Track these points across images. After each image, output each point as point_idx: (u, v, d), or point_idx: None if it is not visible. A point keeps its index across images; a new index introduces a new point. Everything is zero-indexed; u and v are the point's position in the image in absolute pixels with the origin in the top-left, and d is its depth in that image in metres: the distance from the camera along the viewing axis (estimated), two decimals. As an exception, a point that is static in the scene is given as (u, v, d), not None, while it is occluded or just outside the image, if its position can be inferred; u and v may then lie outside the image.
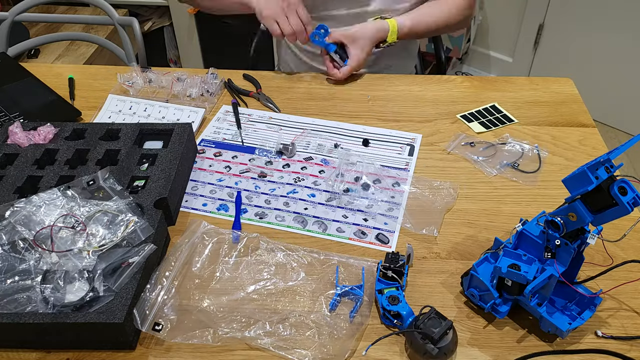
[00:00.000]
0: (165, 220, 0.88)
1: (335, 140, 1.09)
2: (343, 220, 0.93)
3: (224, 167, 1.04)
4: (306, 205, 0.95)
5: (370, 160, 1.03)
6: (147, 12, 2.55)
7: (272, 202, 0.96)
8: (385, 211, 0.94)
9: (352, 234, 0.90)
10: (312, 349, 0.73)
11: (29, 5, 1.63)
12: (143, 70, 1.25)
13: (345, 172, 1.00)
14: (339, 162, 1.02)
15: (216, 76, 1.23)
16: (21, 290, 0.73)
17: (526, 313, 0.77)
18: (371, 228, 0.91)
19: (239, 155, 1.06)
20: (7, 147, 0.98)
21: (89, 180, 0.87)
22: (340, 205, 0.95)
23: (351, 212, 0.94)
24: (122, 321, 0.70)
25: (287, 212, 0.94)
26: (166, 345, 0.75)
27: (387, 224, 0.92)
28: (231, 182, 1.00)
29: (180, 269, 0.82)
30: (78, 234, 0.79)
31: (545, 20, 2.53)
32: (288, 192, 0.98)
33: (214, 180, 1.01)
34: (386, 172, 1.01)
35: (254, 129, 1.13)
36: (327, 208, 0.95)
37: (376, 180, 0.99)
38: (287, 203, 0.96)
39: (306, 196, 0.97)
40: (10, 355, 0.74)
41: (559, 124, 1.13)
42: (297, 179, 1.01)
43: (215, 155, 1.07)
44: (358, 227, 0.91)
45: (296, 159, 1.05)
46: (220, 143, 1.10)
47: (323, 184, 0.99)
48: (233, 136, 1.11)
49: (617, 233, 0.88)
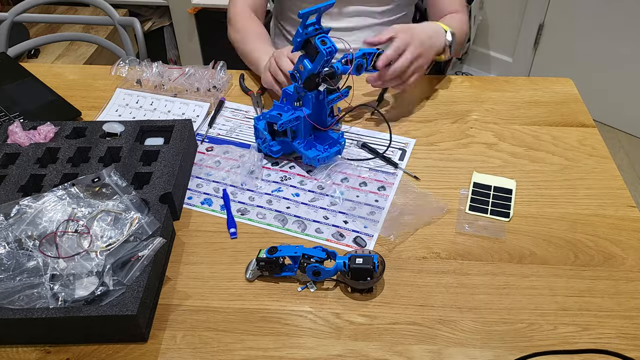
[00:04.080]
0: (170, 215, 0.89)
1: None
2: (323, 221, 0.93)
3: (214, 161, 1.05)
4: (289, 204, 0.96)
5: (359, 163, 1.03)
6: (147, 12, 2.55)
7: (256, 199, 0.97)
8: (366, 214, 0.93)
9: (331, 235, 0.90)
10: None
11: (29, 6, 1.63)
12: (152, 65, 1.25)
13: (332, 173, 1.00)
14: (336, 164, 1.02)
15: (224, 71, 1.23)
16: (30, 287, 0.74)
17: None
18: (350, 231, 0.91)
19: (230, 151, 1.07)
20: (8, 147, 0.98)
21: (94, 178, 0.88)
22: (323, 206, 0.95)
23: (332, 213, 0.94)
24: (135, 313, 0.71)
25: (269, 210, 0.95)
26: (166, 342, 0.75)
27: (367, 227, 0.91)
28: (219, 177, 1.01)
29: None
30: (82, 237, 0.79)
31: (545, 20, 2.53)
32: (273, 190, 0.99)
33: (203, 175, 1.02)
34: (373, 175, 1.01)
35: (248, 125, 1.13)
36: (309, 208, 0.95)
37: (362, 184, 0.99)
38: (270, 201, 0.96)
39: (290, 195, 0.97)
40: (11, 355, 0.74)
41: (559, 124, 1.13)
42: (283, 178, 1.01)
43: (207, 150, 1.08)
44: (337, 228, 0.91)
45: (285, 158, 1.05)
46: (214, 138, 1.11)
47: (309, 184, 0.99)
48: (228, 132, 1.12)
49: (617, 233, 0.89)
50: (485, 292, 0.81)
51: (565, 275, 0.83)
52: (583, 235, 0.89)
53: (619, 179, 0.99)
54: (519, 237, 0.89)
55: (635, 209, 0.93)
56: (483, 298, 0.80)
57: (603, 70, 2.46)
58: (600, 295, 0.80)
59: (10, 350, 0.75)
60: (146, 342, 0.75)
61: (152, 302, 0.79)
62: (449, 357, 0.73)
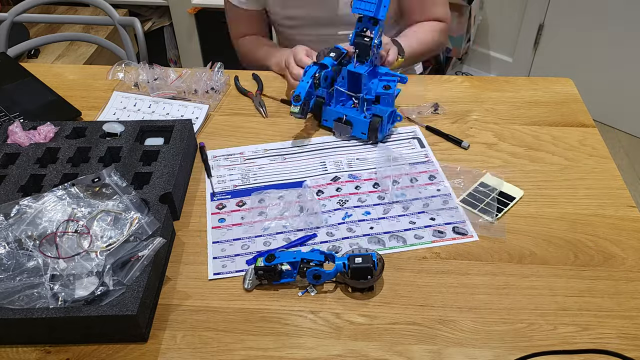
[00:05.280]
0: (170, 215, 0.89)
1: (342, 152, 1.06)
2: (414, 227, 0.90)
3: (258, 213, 0.93)
4: (369, 224, 0.91)
5: (390, 162, 1.02)
6: (147, 12, 2.55)
7: (335, 233, 0.90)
8: (442, 205, 0.94)
9: (432, 236, 0.89)
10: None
11: (29, 6, 1.63)
12: (150, 67, 1.25)
13: (382, 180, 0.98)
14: (378, 171, 1.00)
15: (222, 72, 1.23)
16: (30, 287, 0.74)
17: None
18: (444, 225, 0.91)
19: (266, 197, 0.95)
20: (8, 147, 0.98)
21: (94, 178, 0.88)
22: (399, 213, 0.92)
23: (414, 216, 0.92)
24: (135, 313, 0.71)
25: (359, 237, 0.89)
26: (166, 342, 0.75)
27: (454, 217, 0.92)
28: (272, 230, 0.90)
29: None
30: (82, 237, 0.79)
31: (545, 20, 2.53)
32: (343, 217, 0.92)
33: (251, 234, 0.90)
34: (416, 169, 1.01)
35: (257, 166, 1.03)
36: (390, 220, 0.91)
37: (413, 179, 0.99)
38: (351, 229, 0.90)
39: (362, 215, 0.93)
40: (11, 355, 0.74)
41: (559, 124, 1.13)
42: (340, 202, 0.95)
43: (238, 204, 0.95)
44: (432, 228, 0.90)
45: (324, 182, 0.99)
46: (235, 192, 0.98)
47: (367, 199, 0.95)
48: (242, 180, 1.01)
49: (617, 233, 0.89)
50: (485, 292, 0.81)
51: (565, 275, 0.83)
52: (583, 235, 0.89)
53: (619, 179, 0.99)
54: (519, 237, 0.89)
55: (635, 209, 0.93)
56: (483, 298, 0.80)
57: (603, 70, 2.46)
58: (600, 295, 0.80)
59: (10, 350, 0.75)
60: (146, 342, 0.75)
61: (152, 302, 0.79)
62: (449, 357, 0.73)
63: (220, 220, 0.93)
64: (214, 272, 0.84)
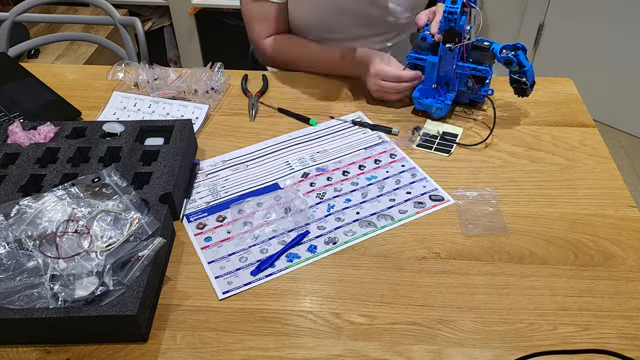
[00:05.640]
0: (170, 215, 0.89)
1: (302, 149, 1.07)
2: (395, 204, 0.95)
3: (242, 223, 0.92)
4: (355, 209, 0.94)
5: (349, 150, 1.07)
6: (147, 12, 2.55)
7: (326, 225, 0.92)
8: (411, 178, 1.00)
9: (414, 209, 0.94)
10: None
11: (29, 6, 1.63)
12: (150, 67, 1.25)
13: (349, 167, 1.02)
14: (342, 160, 1.04)
15: (222, 72, 1.23)
16: (30, 287, 0.74)
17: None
18: (420, 195, 0.97)
19: (245, 207, 0.93)
20: (8, 147, 0.98)
21: (94, 178, 0.88)
22: (377, 194, 0.97)
23: (392, 194, 0.97)
24: (135, 313, 0.71)
25: (350, 224, 0.92)
26: (166, 342, 0.75)
27: (426, 186, 0.98)
28: (264, 236, 0.90)
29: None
30: (82, 237, 0.79)
31: (545, 20, 2.53)
32: (327, 209, 0.95)
33: (244, 246, 0.88)
34: (375, 151, 1.07)
35: (222, 179, 1.01)
36: (372, 202, 0.96)
37: (376, 161, 1.04)
38: (339, 218, 0.93)
39: (344, 203, 0.95)
40: (11, 355, 0.74)
41: (559, 124, 1.13)
42: (319, 195, 0.97)
43: (218, 220, 0.93)
44: (411, 201, 0.96)
45: (296, 180, 1.00)
46: (209, 208, 0.95)
47: (342, 188, 0.98)
48: (212, 195, 0.97)
49: (617, 233, 0.89)
50: (485, 292, 0.81)
51: (565, 275, 0.83)
52: (583, 235, 0.89)
53: (619, 179, 0.99)
54: (519, 237, 0.89)
55: (635, 209, 0.93)
56: (483, 298, 0.80)
57: (603, 70, 2.46)
58: (600, 295, 0.80)
59: (10, 350, 0.75)
60: (146, 342, 0.75)
61: (152, 302, 0.79)
62: (449, 357, 0.73)
63: (206, 239, 0.90)
64: (223, 292, 0.81)
